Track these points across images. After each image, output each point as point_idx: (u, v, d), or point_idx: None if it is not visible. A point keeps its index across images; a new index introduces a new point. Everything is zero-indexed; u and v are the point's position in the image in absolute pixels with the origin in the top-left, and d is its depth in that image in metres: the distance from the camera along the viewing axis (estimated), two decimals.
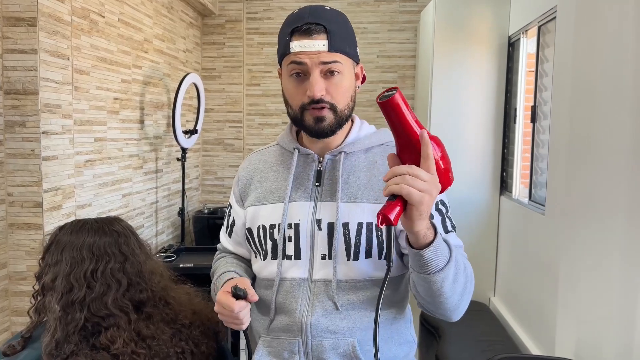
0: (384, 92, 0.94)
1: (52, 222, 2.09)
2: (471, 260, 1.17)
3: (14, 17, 1.95)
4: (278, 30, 1.16)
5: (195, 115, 3.80)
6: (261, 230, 1.18)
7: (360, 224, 1.12)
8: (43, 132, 2.02)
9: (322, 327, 1.11)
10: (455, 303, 1.06)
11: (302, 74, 1.09)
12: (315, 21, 1.07)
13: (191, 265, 2.85)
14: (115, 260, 1.22)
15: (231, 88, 4.26)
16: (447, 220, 1.15)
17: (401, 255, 1.16)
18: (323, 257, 1.13)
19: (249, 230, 1.22)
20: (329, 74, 1.08)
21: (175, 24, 3.61)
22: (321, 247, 1.14)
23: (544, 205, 2.50)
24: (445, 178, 0.95)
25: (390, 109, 0.93)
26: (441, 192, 0.95)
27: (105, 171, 2.63)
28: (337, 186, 1.13)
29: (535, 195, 2.74)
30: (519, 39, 3.10)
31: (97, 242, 1.23)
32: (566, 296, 2.21)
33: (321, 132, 1.12)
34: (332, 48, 1.07)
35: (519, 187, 3.09)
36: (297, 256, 1.15)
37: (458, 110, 3.31)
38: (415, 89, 4.12)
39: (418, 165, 0.92)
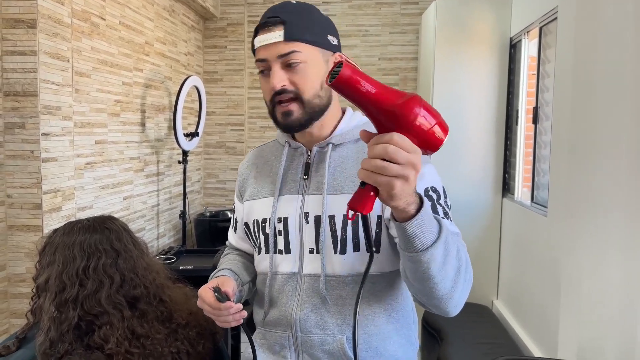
0: (331, 70, 0.80)
1: (52, 224, 2.08)
2: (473, 262, 1.07)
3: (13, 19, 1.96)
4: None
5: (196, 118, 3.81)
6: (255, 225, 1.20)
7: (346, 216, 1.10)
8: (42, 134, 2.02)
9: (311, 323, 1.12)
10: (448, 291, 0.95)
11: (266, 71, 1.10)
12: (272, 15, 1.08)
13: (191, 267, 2.84)
14: (107, 256, 1.22)
15: (233, 91, 4.26)
16: (437, 207, 1.07)
17: (394, 246, 1.10)
18: (311, 251, 1.13)
19: (246, 224, 1.24)
20: (289, 66, 1.08)
21: (177, 27, 3.61)
22: (309, 241, 1.13)
23: (546, 207, 2.48)
24: (435, 140, 0.80)
25: (343, 87, 0.79)
26: (433, 151, 0.82)
27: (105, 173, 2.63)
28: (324, 178, 1.13)
29: (538, 197, 2.73)
30: (520, 40, 3.09)
31: (87, 240, 1.23)
32: (568, 298, 2.19)
33: (290, 127, 1.11)
34: (288, 37, 1.07)
35: (521, 188, 3.08)
36: (287, 250, 1.16)
37: (460, 112, 3.30)
38: (417, 91, 4.11)
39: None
